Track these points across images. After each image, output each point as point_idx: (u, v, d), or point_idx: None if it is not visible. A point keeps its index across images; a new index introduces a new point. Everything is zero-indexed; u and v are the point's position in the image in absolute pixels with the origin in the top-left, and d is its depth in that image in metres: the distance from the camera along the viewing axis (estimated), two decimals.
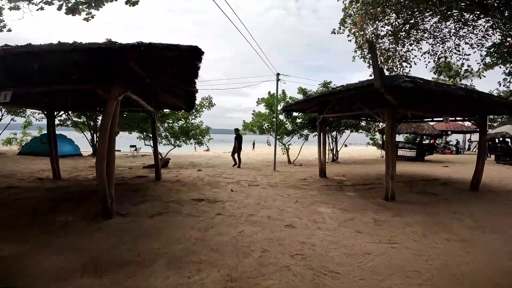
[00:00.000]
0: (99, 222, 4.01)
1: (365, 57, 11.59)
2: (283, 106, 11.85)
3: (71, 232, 3.62)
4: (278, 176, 8.65)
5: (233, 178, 8.00)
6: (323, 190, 6.78)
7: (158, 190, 6.26)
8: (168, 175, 8.49)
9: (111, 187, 4.15)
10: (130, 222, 4.05)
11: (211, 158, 16.64)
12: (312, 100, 7.27)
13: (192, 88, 5.24)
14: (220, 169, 10.55)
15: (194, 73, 4.39)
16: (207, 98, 12.01)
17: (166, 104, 8.57)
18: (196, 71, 4.28)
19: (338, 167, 11.70)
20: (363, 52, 11.62)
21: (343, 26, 11.40)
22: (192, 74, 4.46)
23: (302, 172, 9.58)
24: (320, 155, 8.55)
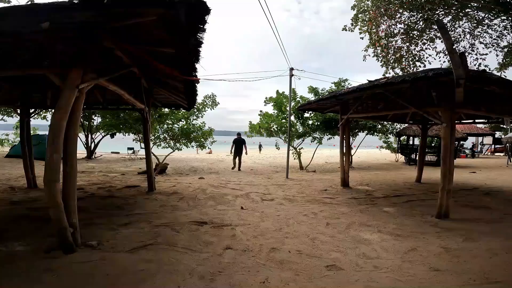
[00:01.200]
0: (55, 257, 2.79)
1: (378, 55, 10.95)
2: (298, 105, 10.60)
3: (7, 272, 2.43)
4: (293, 186, 7.38)
5: (241, 189, 6.73)
6: (353, 205, 5.53)
7: (149, 207, 5.00)
8: (165, 184, 7.24)
9: (71, 213, 2.91)
10: (99, 260, 2.79)
11: (214, 162, 15.40)
12: (342, 96, 5.92)
13: (192, 77, 4.01)
14: (224, 176, 9.29)
15: (194, 51, 3.14)
16: (210, 97, 10.79)
17: (163, 102, 7.35)
18: (197, 47, 3.02)
19: (356, 174, 10.41)
20: (376, 50, 10.90)
21: (356, 22, 10.76)
22: (192, 53, 3.21)
23: (319, 181, 8.30)
24: (342, 162, 7.27)
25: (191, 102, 6.24)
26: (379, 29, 10.47)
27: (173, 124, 10.55)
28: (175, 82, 4.89)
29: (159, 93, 6.53)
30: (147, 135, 5.98)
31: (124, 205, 5.09)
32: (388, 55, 10.85)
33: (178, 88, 5.26)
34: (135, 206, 5.07)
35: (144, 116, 5.86)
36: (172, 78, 4.76)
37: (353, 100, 6.71)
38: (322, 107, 7.86)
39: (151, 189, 6.22)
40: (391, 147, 18.42)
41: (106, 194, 5.95)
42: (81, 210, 4.80)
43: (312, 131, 11.27)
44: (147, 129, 5.95)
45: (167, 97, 6.71)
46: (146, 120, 5.88)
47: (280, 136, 11.88)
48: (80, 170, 10.20)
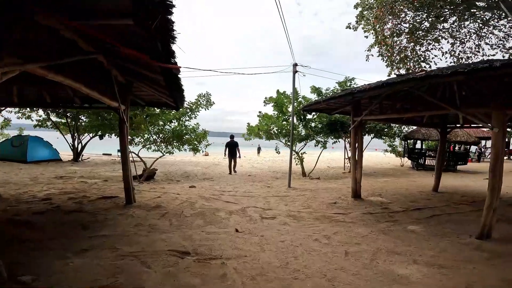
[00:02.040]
0: None
1: (383, 55, 10.60)
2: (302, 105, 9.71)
3: None
4: (297, 197, 6.42)
5: (237, 202, 5.76)
6: (371, 223, 4.62)
7: (121, 226, 4.03)
8: (149, 194, 6.26)
9: None
10: None
11: (209, 166, 14.42)
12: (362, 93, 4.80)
13: (169, 64, 3.05)
14: (219, 184, 8.30)
15: (165, 31, 2.20)
16: (205, 96, 9.83)
17: (147, 100, 6.38)
18: (168, 27, 2.08)
19: (364, 181, 9.32)
20: (381, 50, 10.53)
21: (361, 20, 10.40)
22: (163, 33, 2.27)
23: (325, 191, 7.35)
24: (354, 170, 6.33)
25: (178, 100, 5.28)
26: (385, 28, 10.01)
27: (164, 126, 9.59)
28: (155, 75, 3.93)
29: (141, 90, 5.58)
30: (123, 138, 5.01)
31: (91, 223, 4.13)
32: (393, 55, 10.38)
33: (159, 82, 4.30)
34: (104, 224, 4.10)
35: (121, 116, 4.88)
36: (147, 68, 3.81)
37: (368, 100, 5.79)
38: (330, 107, 6.93)
39: (129, 202, 5.23)
40: (395, 151, 17.57)
41: (74, 207, 4.97)
42: (35, 228, 3.86)
43: (316, 134, 10.33)
44: (124, 131, 4.98)
45: (150, 94, 5.75)
46: (122, 120, 4.91)
47: (280, 139, 10.93)
48: (59, 174, 9.22)
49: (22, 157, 12.21)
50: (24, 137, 13.36)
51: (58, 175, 9.14)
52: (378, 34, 10.04)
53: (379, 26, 9.88)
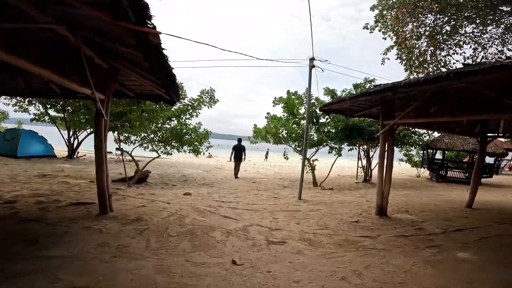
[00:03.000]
0: None
1: (401, 57, 9.91)
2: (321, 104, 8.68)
3: None
4: (310, 213, 5.35)
5: (238, 217, 4.72)
6: (409, 249, 3.66)
7: (80, 244, 3.07)
8: (134, 201, 5.27)
9: None
10: None
11: (211, 169, 13.43)
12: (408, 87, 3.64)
13: (142, 27, 2.08)
14: (218, 191, 7.27)
15: None
16: (208, 92, 8.87)
17: (137, 92, 5.43)
18: None
19: None
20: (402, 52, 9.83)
21: (380, 20, 9.84)
22: None
23: (342, 205, 6.26)
24: (381, 183, 5.24)
25: (170, 90, 4.28)
26: (406, 29, 9.44)
27: (162, 124, 8.65)
28: (129, 49, 2.97)
29: (129, 79, 4.63)
30: (99, 133, 4.03)
31: (44, 237, 3.19)
32: (412, 58, 9.75)
33: (141, 63, 3.35)
34: (60, 240, 3.16)
35: (97, 107, 3.92)
36: (119, 41, 2.85)
37: (402, 100, 4.72)
38: (352, 109, 5.89)
39: (104, 211, 4.24)
40: (412, 161, 16.35)
41: (35, 214, 4.02)
42: None
43: (330, 140, 9.23)
44: (100, 124, 4.01)
45: (141, 84, 4.79)
46: (99, 111, 3.94)
47: (289, 143, 9.89)
48: (44, 173, 8.33)
49: (12, 152, 11.43)
50: (17, 131, 12.61)
51: (43, 173, 8.25)
52: (398, 35, 9.42)
53: (399, 27, 9.33)
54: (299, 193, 6.49)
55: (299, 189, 6.52)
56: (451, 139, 12.56)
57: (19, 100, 13.27)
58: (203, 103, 8.79)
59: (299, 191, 6.50)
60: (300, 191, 6.51)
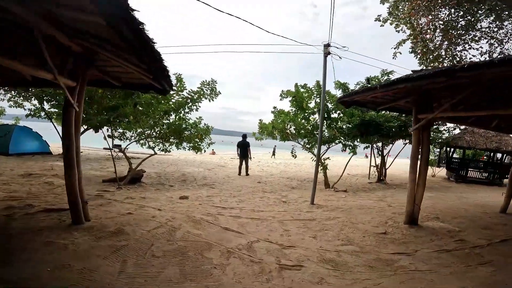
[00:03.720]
0: None
1: (416, 51, 9.57)
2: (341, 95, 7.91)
3: None
4: (327, 222, 4.52)
5: (241, 227, 3.92)
6: (459, 269, 2.94)
7: (34, 266, 2.33)
8: (119, 207, 4.50)
9: None
10: None
11: (213, 167, 12.65)
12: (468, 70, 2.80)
13: None
14: (220, 193, 6.47)
15: None
16: (209, 84, 8.04)
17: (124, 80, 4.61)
18: None
19: (402, 196, 7.45)
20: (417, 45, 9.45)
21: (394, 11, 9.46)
22: None
23: (362, 211, 5.43)
24: (413, 188, 4.39)
25: (158, 75, 3.47)
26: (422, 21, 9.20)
27: (160, 119, 7.85)
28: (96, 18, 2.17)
29: (112, 64, 3.82)
30: (68, 127, 3.25)
31: None
32: (428, 52, 9.41)
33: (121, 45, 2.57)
34: (15, 258, 2.41)
35: (66, 96, 3.14)
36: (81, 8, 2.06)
37: (440, 91, 3.85)
38: (376, 100, 5.01)
39: (77, 221, 3.48)
40: None
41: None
42: None
43: (344, 137, 8.34)
44: (70, 117, 3.23)
45: (125, 70, 3.98)
46: (67, 101, 3.16)
47: (298, 140, 9.05)
48: (31, 171, 7.63)
49: (3, 149, 10.78)
50: (10, 127, 11.96)
51: (29, 172, 7.55)
52: (414, 28, 9.06)
53: (415, 19, 9.00)
54: (312, 197, 5.65)
55: (312, 192, 5.68)
56: (472, 136, 11.59)
57: (14, 95, 12.65)
58: (204, 96, 7.98)
59: (312, 195, 5.67)
60: (313, 195, 5.67)
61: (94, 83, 4.78)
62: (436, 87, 3.78)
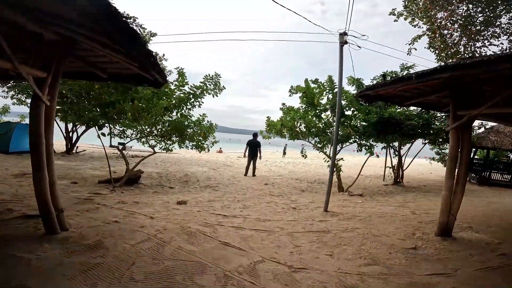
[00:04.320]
0: None
1: (434, 47, 9.24)
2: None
3: None
4: (344, 234, 3.89)
5: (243, 242, 3.33)
6: None
7: None
8: (106, 213, 3.97)
9: None
10: None
11: (218, 167, 12.12)
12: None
13: None
14: (223, 197, 5.89)
15: None
16: (213, 78, 7.47)
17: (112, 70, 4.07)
18: None
19: (426, 201, 6.72)
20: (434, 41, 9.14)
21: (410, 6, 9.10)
22: None
23: (383, 219, 4.76)
24: (449, 195, 3.72)
25: (146, 64, 2.91)
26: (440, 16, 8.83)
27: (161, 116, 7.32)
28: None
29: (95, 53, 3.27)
30: (37, 126, 2.72)
31: None
32: (446, 48, 9.12)
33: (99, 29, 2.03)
34: None
35: (34, 90, 2.62)
36: None
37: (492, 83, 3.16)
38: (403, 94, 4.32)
39: (52, 231, 2.98)
40: (445, 160, 14.50)
41: None
42: None
43: (358, 136, 7.62)
44: (39, 112, 2.71)
45: (110, 59, 3.44)
46: (35, 95, 2.65)
47: (308, 139, 8.40)
48: (25, 171, 7.21)
49: (4, 147, 10.51)
50: (11, 125, 11.69)
51: (24, 171, 7.15)
52: (432, 22, 8.74)
53: (434, 12, 8.68)
54: (326, 204, 5.01)
55: (326, 198, 5.03)
56: (497, 136, 10.70)
57: (16, 92, 12.39)
58: (207, 91, 7.41)
59: (325, 201, 5.02)
60: (327, 202, 5.02)
61: (81, 76, 4.28)
62: (479, 80, 3.10)
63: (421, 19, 9.04)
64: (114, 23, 2.03)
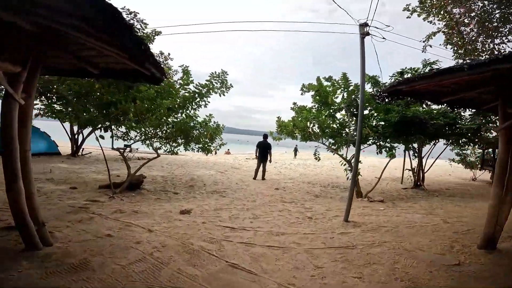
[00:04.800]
0: None
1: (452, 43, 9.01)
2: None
3: None
4: (372, 250, 3.33)
5: (254, 263, 2.82)
6: None
7: None
8: (101, 224, 3.54)
9: None
10: None
11: (227, 170, 11.66)
12: None
13: None
14: (231, 206, 5.37)
15: None
16: (219, 75, 7.00)
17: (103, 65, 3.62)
18: None
19: (453, 208, 6.06)
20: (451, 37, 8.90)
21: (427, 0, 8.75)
22: None
23: (413, 230, 4.17)
24: (497, 204, 3.13)
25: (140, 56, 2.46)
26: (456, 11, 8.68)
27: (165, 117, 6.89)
28: None
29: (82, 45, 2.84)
30: (9, 128, 2.30)
31: None
32: (465, 44, 8.87)
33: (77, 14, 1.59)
34: None
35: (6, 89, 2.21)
36: None
37: None
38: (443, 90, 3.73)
39: (32, 247, 2.57)
40: (467, 161, 13.72)
41: None
42: None
43: (379, 137, 6.97)
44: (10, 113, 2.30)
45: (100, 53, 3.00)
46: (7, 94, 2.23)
47: (322, 141, 7.85)
48: None
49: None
50: None
51: None
52: (451, 17, 8.58)
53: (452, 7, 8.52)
54: (347, 214, 4.44)
55: (347, 207, 4.46)
56: None
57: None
58: (213, 90, 6.95)
59: (346, 211, 4.45)
60: (347, 211, 4.45)
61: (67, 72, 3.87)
62: None
63: (436, 15, 8.76)
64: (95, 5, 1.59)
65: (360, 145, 4.67)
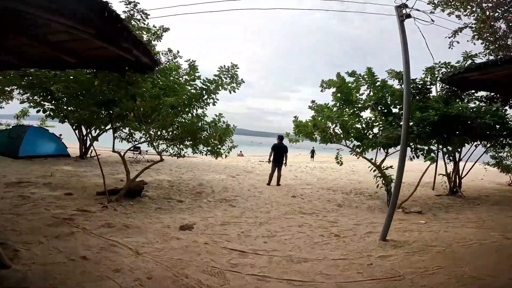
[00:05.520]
0: None
1: (483, 38, 8.49)
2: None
3: None
4: (423, 278, 2.45)
5: None
6: None
7: None
8: (81, 242, 2.86)
9: None
10: None
11: (238, 173, 10.92)
12: None
13: None
14: (241, 219, 4.57)
15: None
16: (228, 70, 6.27)
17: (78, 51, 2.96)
18: None
19: (506, 219, 5.02)
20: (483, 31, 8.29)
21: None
22: None
23: (469, 250, 3.24)
24: None
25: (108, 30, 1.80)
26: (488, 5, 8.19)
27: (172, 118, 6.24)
28: None
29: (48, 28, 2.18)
30: None
31: None
32: (498, 39, 8.41)
33: None
34: None
35: None
36: None
37: None
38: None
39: None
40: (503, 165, 12.40)
41: None
42: None
43: (414, 139, 5.98)
44: None
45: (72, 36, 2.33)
46: None
47: (345, 143, 6.98)
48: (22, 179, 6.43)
49: (14, 151, 10.02)
50: (23, 128, 11.28)
51: (21, 179, 6.38)
52: (484, 11, 8.12)
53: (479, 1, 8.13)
54: (384, 232, 3.57)
55: (385, 224, 3.59)
56: None
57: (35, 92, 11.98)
58: (222, 86, 6.23)
59: (384, 228, 3.58)
60: (386, 229, 3.58)
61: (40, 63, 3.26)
62: None
63: (464, 9, 8.37)
64: None
65: (405, 150, 3.73)
